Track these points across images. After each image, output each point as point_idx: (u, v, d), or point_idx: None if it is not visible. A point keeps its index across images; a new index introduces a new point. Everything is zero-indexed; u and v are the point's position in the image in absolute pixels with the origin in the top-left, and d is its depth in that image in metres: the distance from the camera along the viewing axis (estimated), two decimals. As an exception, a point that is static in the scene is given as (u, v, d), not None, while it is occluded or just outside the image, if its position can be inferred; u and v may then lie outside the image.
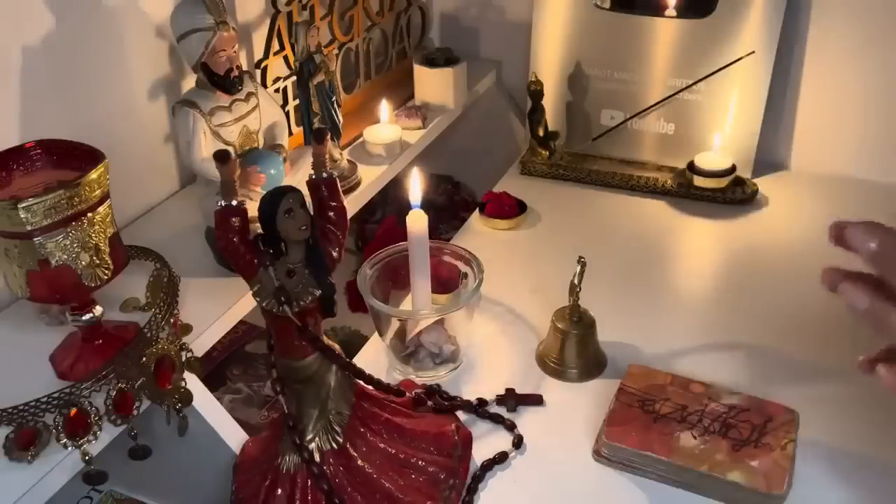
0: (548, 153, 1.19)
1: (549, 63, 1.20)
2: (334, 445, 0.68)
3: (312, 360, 0.67)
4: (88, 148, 0.64)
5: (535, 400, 0.81)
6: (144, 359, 0.67)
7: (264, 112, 0.84)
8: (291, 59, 0.99)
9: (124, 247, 0.68)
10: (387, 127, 1.08)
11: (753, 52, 1.09)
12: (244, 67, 0.81)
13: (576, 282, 0.81)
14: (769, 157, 1.19)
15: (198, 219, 0.85)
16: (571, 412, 0.79)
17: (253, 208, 0.66)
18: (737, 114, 1.12)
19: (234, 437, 0.74)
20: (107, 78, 0.85)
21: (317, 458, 0.67)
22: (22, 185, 0.63)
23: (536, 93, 1.14)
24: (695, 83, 1.12)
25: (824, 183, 1.15)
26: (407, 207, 0.82)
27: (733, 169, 1.11)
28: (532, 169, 1.19)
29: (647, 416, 0.74)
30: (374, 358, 0.87)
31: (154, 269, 0.79)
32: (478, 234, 1.08)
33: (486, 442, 0.76)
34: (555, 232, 1.08)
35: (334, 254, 0.66)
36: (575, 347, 0.83)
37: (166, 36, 0.88)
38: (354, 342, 1.02)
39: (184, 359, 0.70)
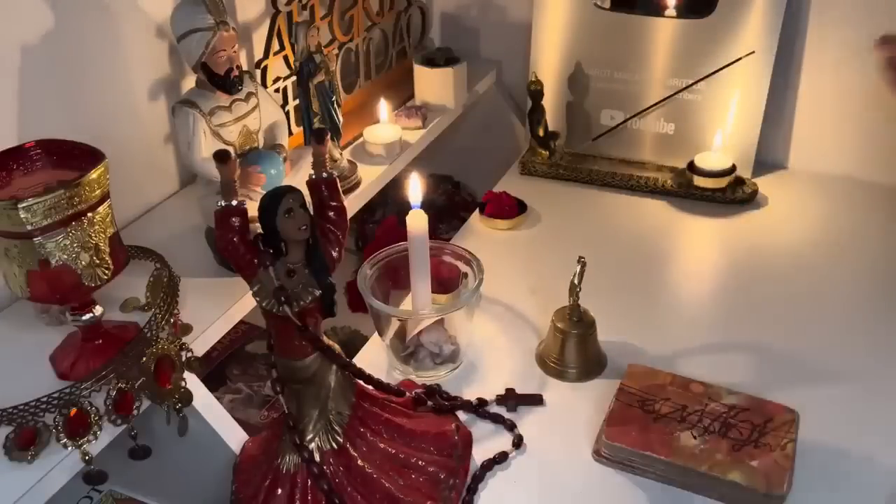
0: (548, 153, 1.19)
1: (549, 63, 1.20)
2: (334, 445, 0.68)
3: (312, 360, 0.67)
4: (88, 148, 0.64)
5: (535, 400, 0.81)
6: (144, 359, 0.67)
7: (264, 112, 0.84)
8: (291, 59, 0.99)
9: (124, 247, 0.68)
10: (387, 127, 1.08)
11: (753, 52, 1.09)
12: (244, 67, 0.81)
13: (576, 282, 0.81)
14: (769, 156, 1.19)
15: (198, 219, 0.85)
16: (571, 412, 0.79)
17: (253, 208, 0.66)
18: (737, 114, 1.12)
19: (234, 437, 0.74)
20: (107, 78, 0.85)
21: (317, 458, 0.67)
22: (22, 185, 0.63)
23: (536, 93, 1.14)
24: (695, 83, 1.12)
25: (824, 183, 1.15)
26: (407, 207, 0.82)
27: (733, 169, 1.11)
28: (532, 169, 1.19)
29: (646, 416, 0.74)
30: (374, 358, 0.87)
31: (154, 269, 0.79)
32: (478, 234, 1.08)
33: (486, 442, 0.76)
34: (555, 232, 1.08)
35: (334, 254, 0.66)
36: (575, 347, 0.83)
37: (166, 36, 0.88)
38: (354, 342, 1.02)
39: (184, 359, 0.70)
